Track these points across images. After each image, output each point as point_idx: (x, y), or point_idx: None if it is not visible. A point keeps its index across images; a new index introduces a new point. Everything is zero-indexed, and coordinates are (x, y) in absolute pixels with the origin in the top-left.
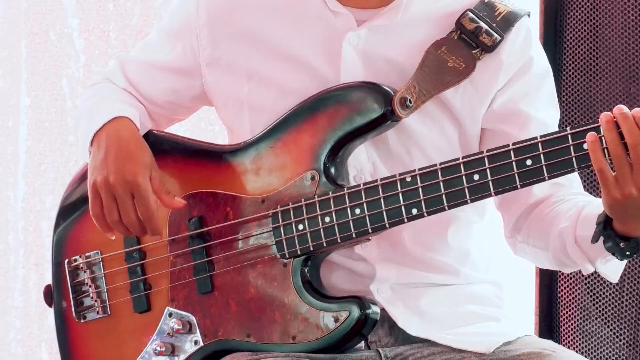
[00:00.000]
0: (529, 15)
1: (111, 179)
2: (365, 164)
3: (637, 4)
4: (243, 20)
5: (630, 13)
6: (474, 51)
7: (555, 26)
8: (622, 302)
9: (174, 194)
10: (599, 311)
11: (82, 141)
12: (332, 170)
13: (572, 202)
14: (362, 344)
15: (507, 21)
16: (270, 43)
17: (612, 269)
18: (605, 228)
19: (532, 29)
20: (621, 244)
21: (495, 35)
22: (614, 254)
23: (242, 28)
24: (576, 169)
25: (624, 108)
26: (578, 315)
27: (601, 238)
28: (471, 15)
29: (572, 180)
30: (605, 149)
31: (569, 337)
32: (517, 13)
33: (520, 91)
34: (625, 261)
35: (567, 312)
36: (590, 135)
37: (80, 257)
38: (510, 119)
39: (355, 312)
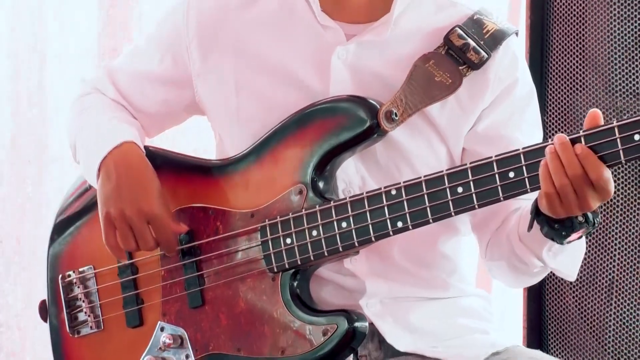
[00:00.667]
0: (516, 33)
1: (127, 212)
2: (354, 177)
3: (622, 19)
4: (233, 33)
5: (616, 27)
6: (460, 67)
7: (541, 40)
8: (609, 315)
9: (178, 222)
10: (586, 324)
11: (86, 165)
12: (320, 184)
13: (522, 208)
14: (351, 358)
15: (495, 39)
16: (259, 56)
17: (565, 264)
18: (539, 215)
19: (519, 49)
20: (555, 226)
21: (483, 52)
22: (553, 239)
23: (231, 40)
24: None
25: (564, 138)
26: (566, 327)
27: (538, 227)
28: (460, 31)
29: None
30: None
31: (556, 349)
32: (505, 31)
33: (505, 113)
34: (581, 256)
35: (555, 325)
36: (541, 164)
37: (73, 272)
38: (492, 143)
39: (344, 325)
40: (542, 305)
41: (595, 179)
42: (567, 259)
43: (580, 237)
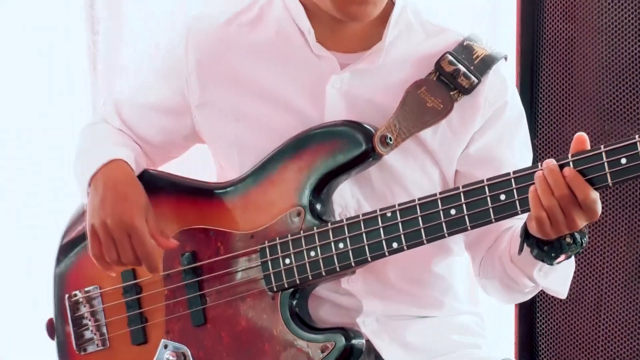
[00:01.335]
0: (505, 58)
1: (109, 222)
2: (349, 201)
3: (610, 45)
4: (231, 64)
5: (604, 54)
6: (451, 92)
7: (531, 67)
8: (598, 331)
9: (168, 235)
10: (575, 340)
11: (80, 182)
12: (318, 206)
13: (513, 227)
14: None
15: (485, 64)
16: (257, 85)
17: (555, 282)
18: (529, 237)
19: (508, 73)
20: (545, 248)
21: (473, 78)
22: (543, 260)
23: (229, 71)
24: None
25: (552, 162)
26: (555, 343)
27: (528, 249)
28: (450, 58)
29: None
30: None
31: None
32: (495, 57)
33: (495, 136)
34: (571, 275)
35: (545, 341)
36: (531, 189)
37: (80, 291)
38: (484, 165)
39: (341, 342)
40: (532, 322)
41: (582, 199)
42: (558, 278)
43: (569, 257)
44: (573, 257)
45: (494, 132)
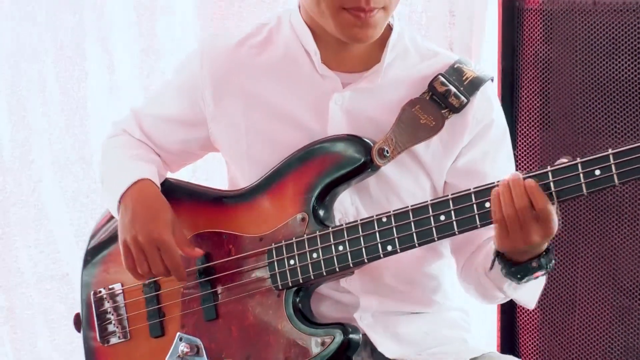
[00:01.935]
0: (492, 80)
1: (140, 238)
2: (349, 208)
3: (583, 65)
4: (242, 82)
5: (577, 73)
6: (443, 111)
7: (511, 85)
8: (573, 326)
9: (192, 245)
10: (553, 332)
11: (109, 198)
12: (320, 212)
13: (492, 237)
14: None
15: (473, 85)
16: (266, 102)
17: (524, 295)
18: (500, 256)
19: (494, 93)
20: (512, 269)
21: (463, 98)
22: (511, 279)
23: (241, 88)
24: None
25: (518, 175)
26: (534, 335)
27: (499, 267)
28: (442, 79)
29: None
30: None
31: (526, 354)
32: (482, 78)
33: (482, 150)
34: (540, 289)
35: (525, 333)
36: (493, 192)
37: (104, 289)
38: (470, 177)
39: (339, 336)
40: (513, 318)
41: (540, 209)
42: (527, 292)
43: (536, 279)
44: (546, 273)
45: (480, 148)
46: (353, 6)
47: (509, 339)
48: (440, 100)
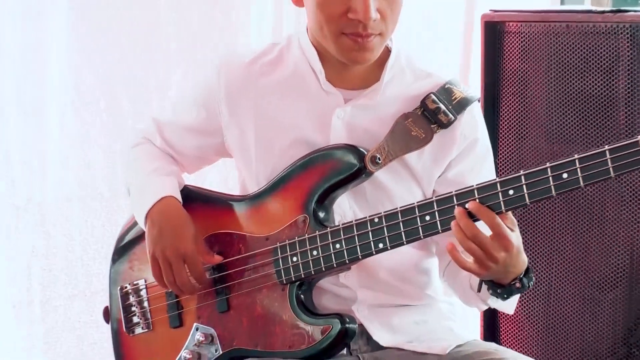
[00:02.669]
0: (479, 100)
1: (167, 252)
2: (347, 211)
3: (558, 81)
4: (254, 96)
5: (552, 88)
6: (432, 125)
7: (493, 98)
8: (548, 316)
9: (212, 253)
10: (530, 322)
11: (137, 211)
12: (320, 214)
13: None
14: (345, 351)
15: (461, 105)
16: (275, 114)
17: (504, 305)
18: (486, 281)
19: (479, 113)
20: (498, 290)
21: (451, 115)
22: (496, 297)
23: (253, 102)
24: (504, 211)
25: (461, 208)
26: (514, 325)
27: (485, 287)
28: (433, 97)
29: None
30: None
31: (507, 342)
32: (469, 99)
33: (468, 165)
34: (517, 298)
35: (505, 323)
36: (448, 246)
37: (129, 284)
38: (457, 186)
39: (338, 326)
40: (495, 309)
41: (490, 225)
42: (507, 303)
43: (519, 294)
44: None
45: (467, 162)
46: (352, 32)
47: (491, 328)
48: (431, 116)
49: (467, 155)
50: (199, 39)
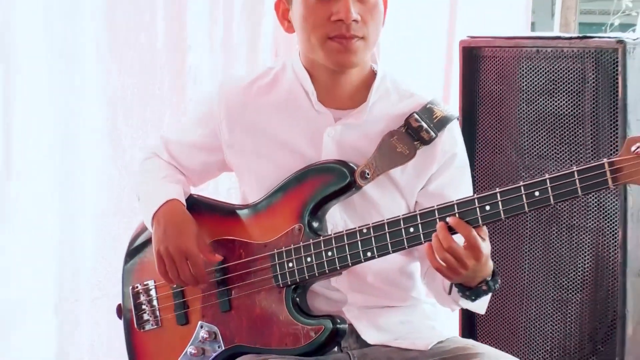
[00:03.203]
0: (457, 118)
1: (170, 249)
2: (339, 221)
3: (528, 101)
4: (252, 116)
5: (523, 107)
6: (415, 142)
7: (471, 116)
8: (521, 315)
9: (214, 253)
10: (504, 321)
11: (145, 214)
12: (314, 224)
13: None
14: (336, 349)
15: (441, 123)
16: (271, 132)
17: (475, 306)
18: (456, 284)
19: (458, 130)
20: (466, 292)
21: (432, 133)
22: (466, 298)
23: (251, 121)
24: (480, 225)
25: (442, 222)
26: (489, 323)
27: (456, 290)
28: (416, 116)
29: None
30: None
31: (483, 338)
32: (449, 117)
33: (447, 179)
34: (488, 299)
35: (482, 322)
36: (426, 247)
37: (140, 284)
38: (437, 199)
39: (329, 326)
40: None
41: (466, 237)
42: (477, 304)
43: (487, 296)
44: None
45: (446, 176)
46: (337, 34)
47: (468, 326)
48: (414, 133)
49: (446, 169)
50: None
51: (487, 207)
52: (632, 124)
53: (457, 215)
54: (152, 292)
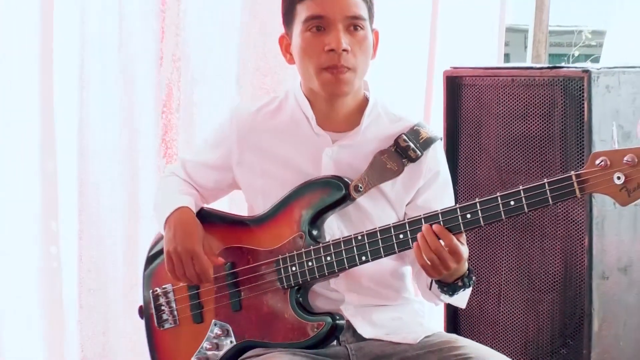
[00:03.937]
0: (441, 139)
1: (178, 249)
2: (335, 230)
3: (505, 124)
4: (259, 139)
5: (501, 130)
6: (403, 160)
7: (453, 138)
8: (499, 313)
9: (217, 255)
10: (485, 318)
11: (158, 220)
12: (314, 232)
13: None
14: (335, 342)
15: (426, 143)
16: (276, 153)
17: (456, 301)
18: (435, 281)
19: (441, 150)
20: (444, 288)
21: (418, 152)
22: (445, 293)
23: (258, 143)
24: (462, 231)
25: (428, 226)
26: (471, 320)
27: (435, 286)
28: (404, 137)
29: None
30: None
31: (465, 333)
32: (433, 138)
33: (432, 193)
34: (468, 295)
35: (464, 319)
36: (414, 245)
37: (159, 288)
38: (423, 211)
39: (329, 322)
40: (456, 307)
41: (448, 244)
42: (457, 299)
43: (463, 291)
44: (470, 287)
45: (431, 191)
46: (329, 64)
47: (452, 322)
48: (402, 152)
49: (431, 184)
50: None
51: (468, 215)
52: (597, 143)
53: (441, 223)
54: (170, 295)
